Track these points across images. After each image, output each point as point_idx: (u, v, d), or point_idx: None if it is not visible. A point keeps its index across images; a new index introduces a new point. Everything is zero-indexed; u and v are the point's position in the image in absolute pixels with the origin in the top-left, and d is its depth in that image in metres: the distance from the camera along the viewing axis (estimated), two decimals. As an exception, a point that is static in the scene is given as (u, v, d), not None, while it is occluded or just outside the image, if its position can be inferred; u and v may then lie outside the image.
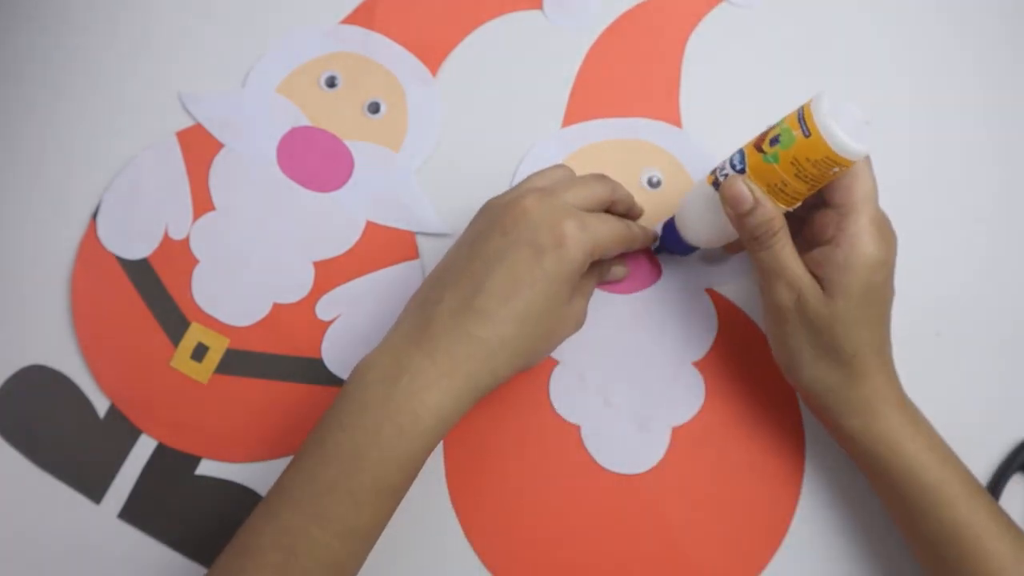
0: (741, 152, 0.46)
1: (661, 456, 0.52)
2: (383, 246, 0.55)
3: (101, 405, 0.53)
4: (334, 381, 0.53)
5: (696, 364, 0.53)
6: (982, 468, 0.52)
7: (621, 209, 0.50)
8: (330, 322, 0.54)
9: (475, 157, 0.57)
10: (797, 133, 0.42)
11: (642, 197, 0.55)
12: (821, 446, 0.52)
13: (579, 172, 0.51)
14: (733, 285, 0.54)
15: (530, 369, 0.50)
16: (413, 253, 0.55)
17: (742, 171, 0.45)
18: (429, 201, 0.56)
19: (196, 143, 0.56)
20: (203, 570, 0.51)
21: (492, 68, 0.58)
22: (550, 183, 0.47)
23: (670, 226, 0.51)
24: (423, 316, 0.44)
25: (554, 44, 0.58)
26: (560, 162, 0.55)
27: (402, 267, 0.54)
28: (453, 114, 0.57)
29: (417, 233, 0.55)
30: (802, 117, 0.42)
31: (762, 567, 0.51)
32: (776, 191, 0.44)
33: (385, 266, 0.54)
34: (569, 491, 0.52)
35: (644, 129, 0.57)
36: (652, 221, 0.55)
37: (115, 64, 0.58)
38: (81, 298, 0.54)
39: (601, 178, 0.49)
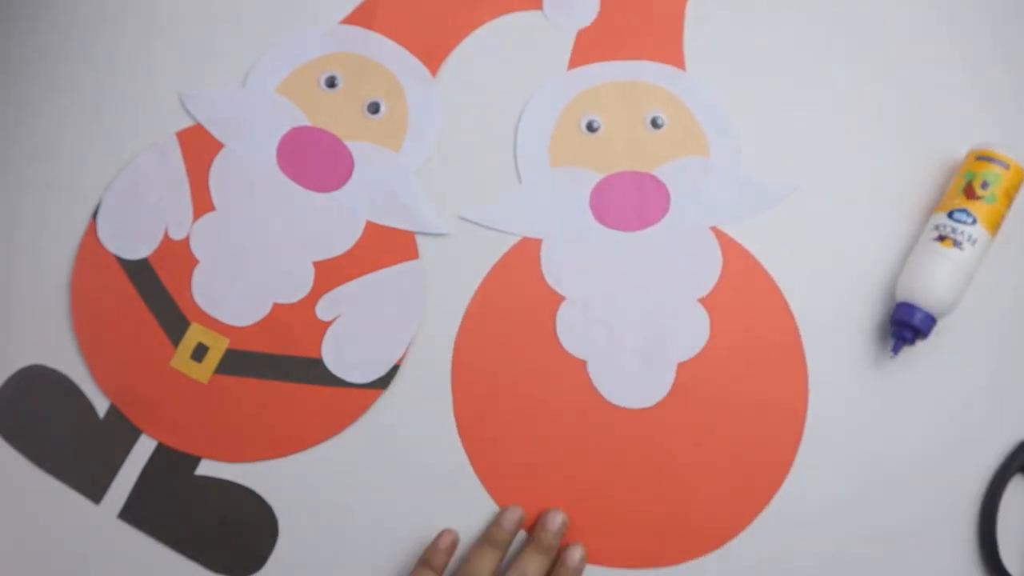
0: (963, 209, 0.51)
1: (667, 391, 0.52)
2: (383, 246, 0.55)
3: (101, 405, 0.53)
4: (334, 381, 0.53)
5: (702, 301, 0.54)
6: (982, 468, 0.51)
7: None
8: (330, 322, 0.54)
9: (475, 157, 0.56)
10: (998, 171, 0.52)
11: (646, 137, 0.56)
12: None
13: (582, 113, 0.54)
14: (738, 224, 0.55)
15: (535, 306, 0.52)
16: (413, 253, 0.55)
17: (974, 222, 0.51)
18: (429, 201, 0.56)
19: (196, 143, 0.56)
20: (202, 570, 0.51)
21: (492, 68, 0.58)
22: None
23: (905, 308, 0.51)
24: None
25: (555, 44, 0.58)
26: (562, 107, 0.56)
27: (402, 267, 0.54)
28: (453, 114, 0.57)
29: (417, 233, 0.55)
30: (990, 158, 0.52)
31: (766, 501, 0.51)
32: (995, 224, 0.52)
33: (385, 266, 0.54)
34: (575, 425, 0.52)
35: (647, 71, 0.57)
36: (659, 161, 0.55)
37: (115, 64, 0.58)
38: (81, 298, 0.54)
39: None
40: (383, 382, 0.53)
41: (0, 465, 0.52)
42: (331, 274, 0.54)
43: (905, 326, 0.51)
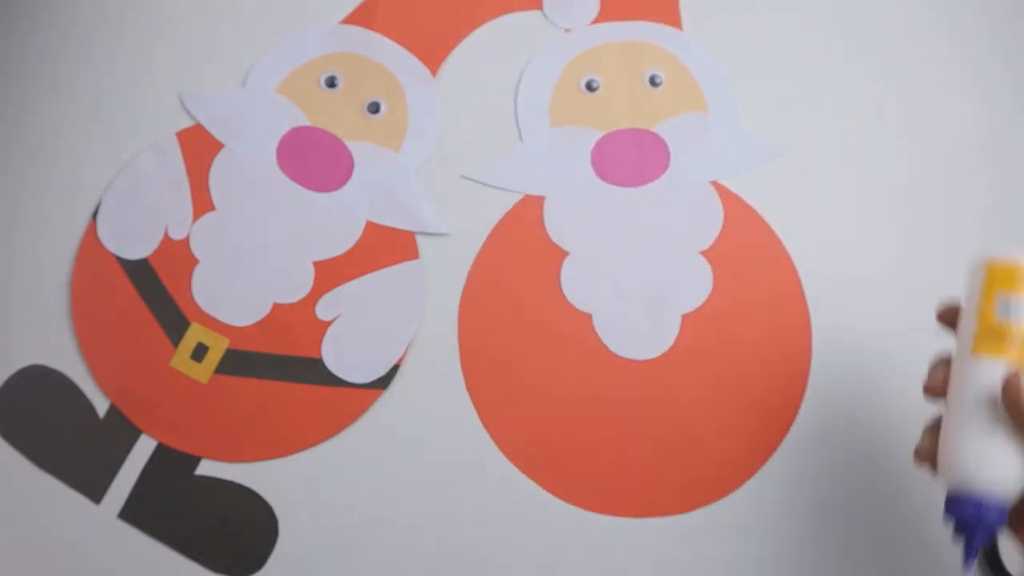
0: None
1: (672, 342, 0.53)
2: (383, 246, 0.55)
3: (101, 405, 0.53)
4: (334, 381, 0.53)
5: (704, 253, 0.54)
6: None
7: None
8: (330, 322, 0.54)
9: (475, 157, 0.56)
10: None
11: (645, 95, 0.57)
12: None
13: (582, 73, 0.56)
14: (738, 178, 0.56)
15: (539, 261, 0.54)
16: (413, 253, 0.55)
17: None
18: (429, 201, 0.56)
19: (196, 143, 0.56)
20: (203, 570, 0.51)
21: (492, 68, 0.58)
22: None
23: (958, 500, 0.38)
24: None
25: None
26: (562, 68, 0.57)
27: (402, 267, 0.54)
28: (453, 114, 0.57)
29: (417, 233, 0.55)
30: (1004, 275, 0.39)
31: (773, 449, 0.51)
32: None
33: (385, 266, 0.54)
34: (582, 377, 0.53)
35: (644, 31, 0.58)
36: (658, 118, 0.56)
37: (115, 64, 0.58)
38: (81, 298, 0.54)
39: None
40: (383, 382, 0.53)
41: (0, 465, 0.52)
42: (331, 274, 0.54)
43: (975, 528, 0.37)
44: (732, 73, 0.58)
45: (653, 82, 0.57)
